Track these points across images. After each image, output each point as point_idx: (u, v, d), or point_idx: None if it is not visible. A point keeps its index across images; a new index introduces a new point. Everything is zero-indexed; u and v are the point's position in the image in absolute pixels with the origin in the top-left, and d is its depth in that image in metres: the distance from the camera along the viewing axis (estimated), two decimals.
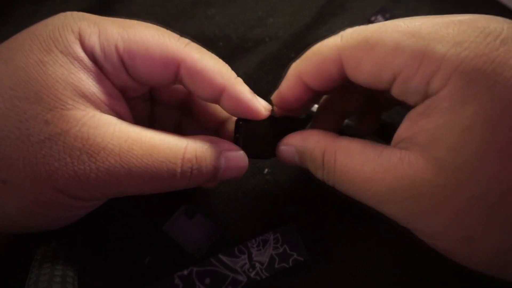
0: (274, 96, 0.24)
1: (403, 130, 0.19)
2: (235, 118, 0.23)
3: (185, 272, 0.24)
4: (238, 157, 0.22)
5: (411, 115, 0.19)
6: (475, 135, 0.16)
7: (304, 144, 0.22)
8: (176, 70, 0.21)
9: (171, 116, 0.26)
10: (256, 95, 0.22)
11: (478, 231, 0.17)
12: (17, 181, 0.18)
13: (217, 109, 0.25)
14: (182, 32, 0.22)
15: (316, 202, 0.27)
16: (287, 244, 0.25)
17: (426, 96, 0.18)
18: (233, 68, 0.22)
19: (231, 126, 0.25)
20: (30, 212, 0.19)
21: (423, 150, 0.17)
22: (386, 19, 0.33)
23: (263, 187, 0.28)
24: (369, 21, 0.34)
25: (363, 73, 0.20)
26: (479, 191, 0.16)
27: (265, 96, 0.25)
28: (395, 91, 0.19)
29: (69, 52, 0.19)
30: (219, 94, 0.21)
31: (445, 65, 0.17)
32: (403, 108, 0.24)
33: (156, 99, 0.25)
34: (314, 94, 0.23)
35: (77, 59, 0.19)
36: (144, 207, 0.26)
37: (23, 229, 0.21)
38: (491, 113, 0.16)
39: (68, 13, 0.20)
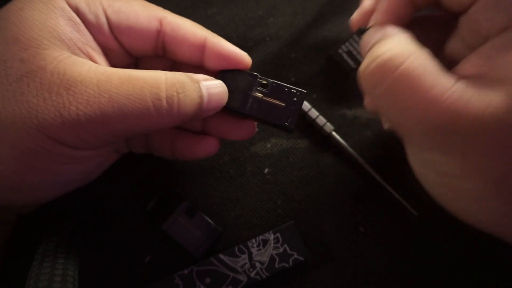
0: (362, 13, 0.23)
1: (470, 67, 0.18)
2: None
3: (186, 271, 0.24)
4: (216, 84, 0.22)
5: (483, 50, 0.18)
6: None
7: (383, 32, 0.20)
8: (158, 26, 0.22)
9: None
10: None
11: None
12: None
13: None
14: None
15: (316, 202, 0.27)
16: (287, 244, 0.25)
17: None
18: None
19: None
20: (19, 164, 0.19)
21: (507, 85, 0.16)
22: None
23: (263, 187, 0.28)
24: None
25: None
26: None
27: None
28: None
29: (50, 2, 0.20)
30: (201, 48, 0.22)
31: None
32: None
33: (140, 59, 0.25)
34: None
35: (58, 7, 0.20)
36: (144, 206, 0.26)
37: (19, 191, 0.20)
38: None
39: None
